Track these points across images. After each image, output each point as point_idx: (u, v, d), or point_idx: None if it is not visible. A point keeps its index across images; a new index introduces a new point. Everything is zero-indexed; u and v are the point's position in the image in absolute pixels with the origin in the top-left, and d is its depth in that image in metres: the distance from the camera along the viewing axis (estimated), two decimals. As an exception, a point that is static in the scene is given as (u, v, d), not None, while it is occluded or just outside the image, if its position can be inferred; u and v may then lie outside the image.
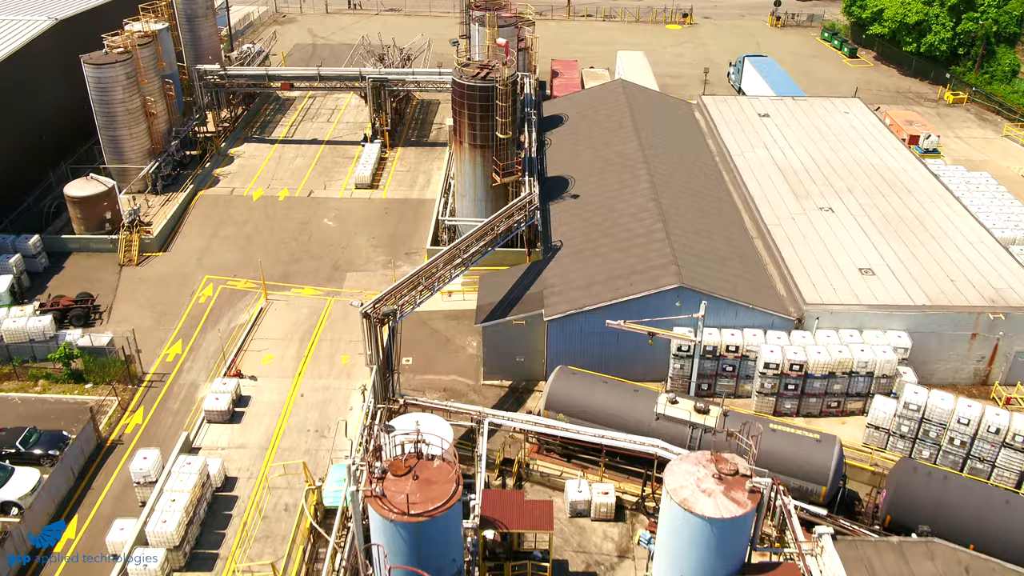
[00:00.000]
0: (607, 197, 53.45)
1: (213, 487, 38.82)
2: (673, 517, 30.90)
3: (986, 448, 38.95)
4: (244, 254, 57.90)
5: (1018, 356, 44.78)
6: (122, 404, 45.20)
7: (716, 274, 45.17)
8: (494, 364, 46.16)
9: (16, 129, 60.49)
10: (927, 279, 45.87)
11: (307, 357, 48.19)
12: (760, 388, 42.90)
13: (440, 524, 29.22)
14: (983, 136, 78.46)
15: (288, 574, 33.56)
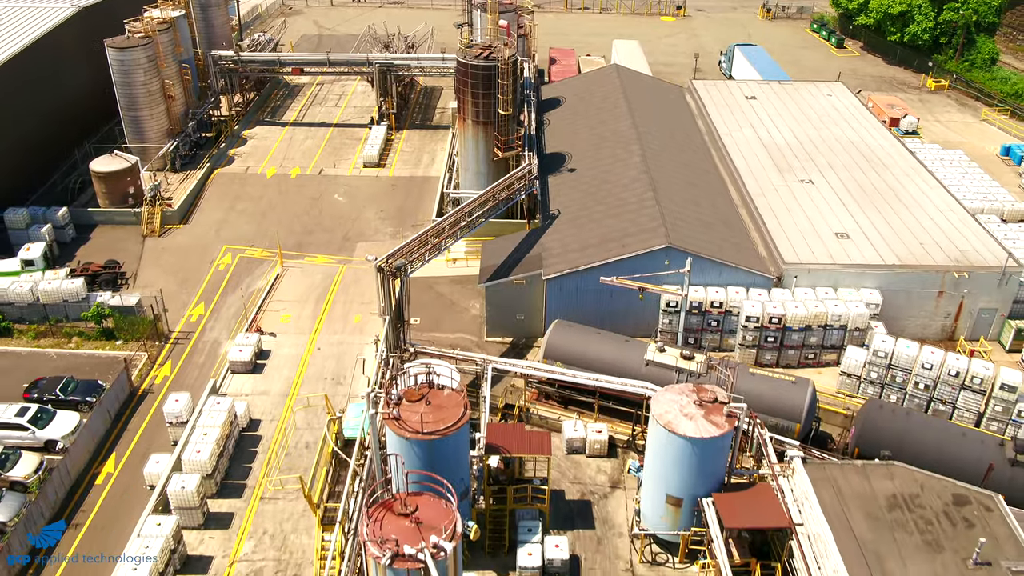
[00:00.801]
0: (602, 170, 56.99)
1: (240, 427, 42.35)
2: (658, 439, 34.56)
3: (947, 391, 42.54)
4: (260, 226, 61.41)
5: (981, 313, 48.37)
6: (151, 358, 48.73)
7: (702, 237, 48.73)
8: (496, 322, 49.66)
9: (43, 110, 63.90)
10: (898, 242, 49.47)
11: (322, 316, 51.73)
12: (742, 341, 46.50)
13: (450, 442, 32.80)
14: (962, 120, 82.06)
15: (314, 488, 37.01)
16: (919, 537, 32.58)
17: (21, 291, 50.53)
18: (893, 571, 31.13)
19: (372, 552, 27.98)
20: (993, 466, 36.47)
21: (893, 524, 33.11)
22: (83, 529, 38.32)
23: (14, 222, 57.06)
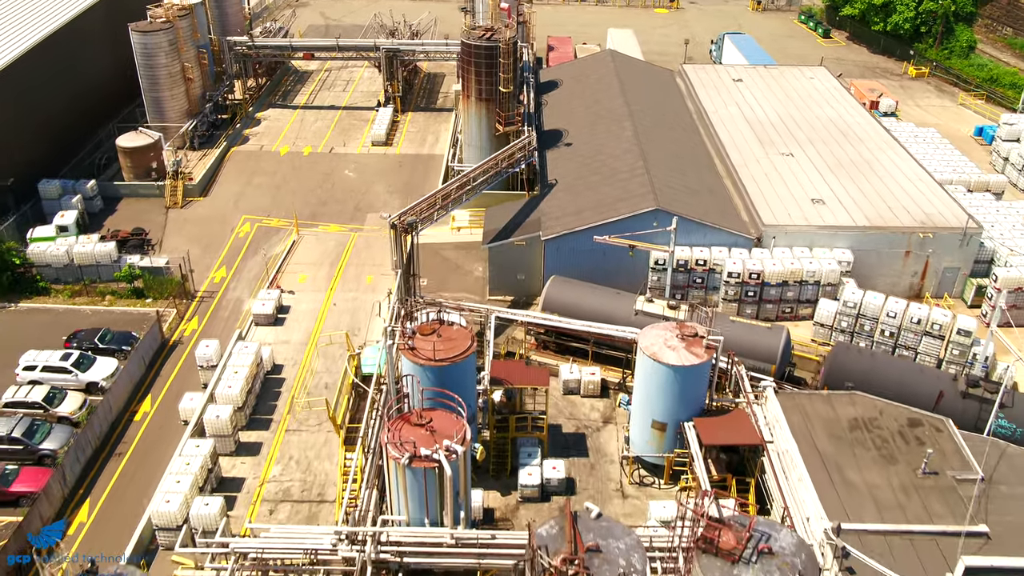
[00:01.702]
0: (596, 145, 61.04)
1: (265, 370, 46.38)
2: (645, 368, 38.65)
3: (910, 337, 46.64)
4: (275, 199, 65.43)
5: (946, 271, 52.46)
6: (179, 314, 52.74)
7: (688, 201, 52.79)
8: (498, 281, 53.67)
9: (70, 91, 67.79)
10: (869, 206, 53.56)
11: (336, 277, 55.78)
12: (724, 295, 50.57)
13: (458, 368, 36.89)
14: (940, 105, 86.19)
15: (338, 411, 41.06)
16: (876, 452, 36.67)
17: (57, 253, 54.52)
18: (852, 479, 35.21)
19: (393, 454, 32.07)
20: (943, 393, 40.60)
21: (853, 442, 37.19)
22: (125, 458, 42.39)
23: (47, 192, 61.04)
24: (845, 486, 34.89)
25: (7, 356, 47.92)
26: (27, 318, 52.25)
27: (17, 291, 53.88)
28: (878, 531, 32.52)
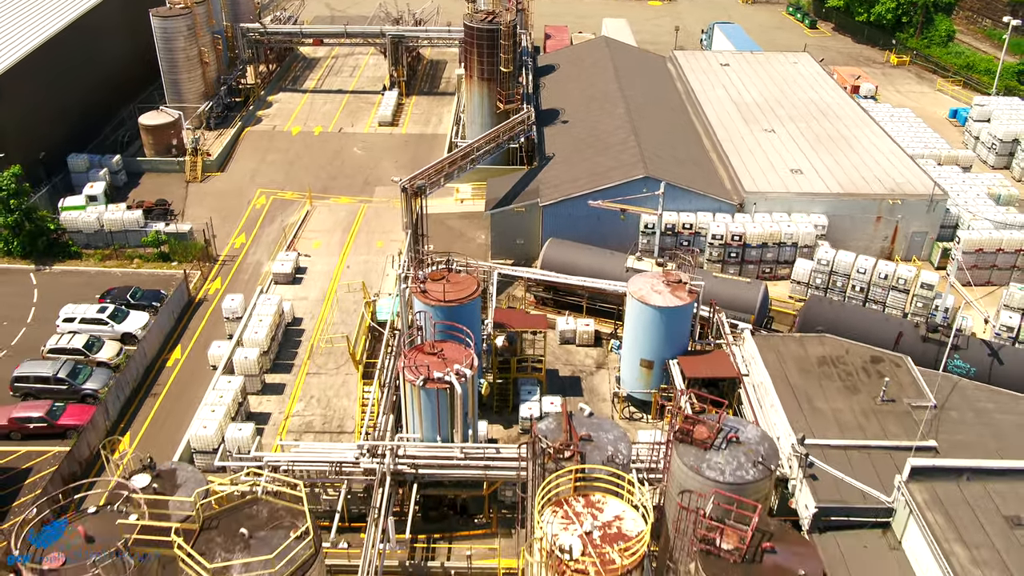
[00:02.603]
0: (591, 122, 65.12)
1: (286, 321, 50.40)
2: (634, 310, 42.74)
3: (879, 292, 50.79)
4: (289, 174, 69.43)
5: (914, 236, 56.58)
6: (203, 275, 56.74)
7: (676, 170, 56.88)
8: (499, 246, 57.68)
9: (95, 74, 71.78)
10: (843, 176, 57.70)
11: (349, 242, 59.82)
12: (709, 256, 54.65)
13: (465, 308, 40.97)
14: (920, 91, 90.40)
15: (356, 349, 45.10)
16: (840, 384, 40.79)
17: (88, 220, 58.50)
18: (818, 406, 39.31)
19: (409, 378, 36.16)
20: (902, 334, 44.76)
21: (821, 376, 41.32)
22: (160, 397, 46.42)
23: (76, 166, 65.00)
24: (812, 411, 39.01)
25: (46, 312, 52.02)
26: (61, 279, 56.18)
27: (51, 255, 57.83)
28: (839, 446, 36.63)
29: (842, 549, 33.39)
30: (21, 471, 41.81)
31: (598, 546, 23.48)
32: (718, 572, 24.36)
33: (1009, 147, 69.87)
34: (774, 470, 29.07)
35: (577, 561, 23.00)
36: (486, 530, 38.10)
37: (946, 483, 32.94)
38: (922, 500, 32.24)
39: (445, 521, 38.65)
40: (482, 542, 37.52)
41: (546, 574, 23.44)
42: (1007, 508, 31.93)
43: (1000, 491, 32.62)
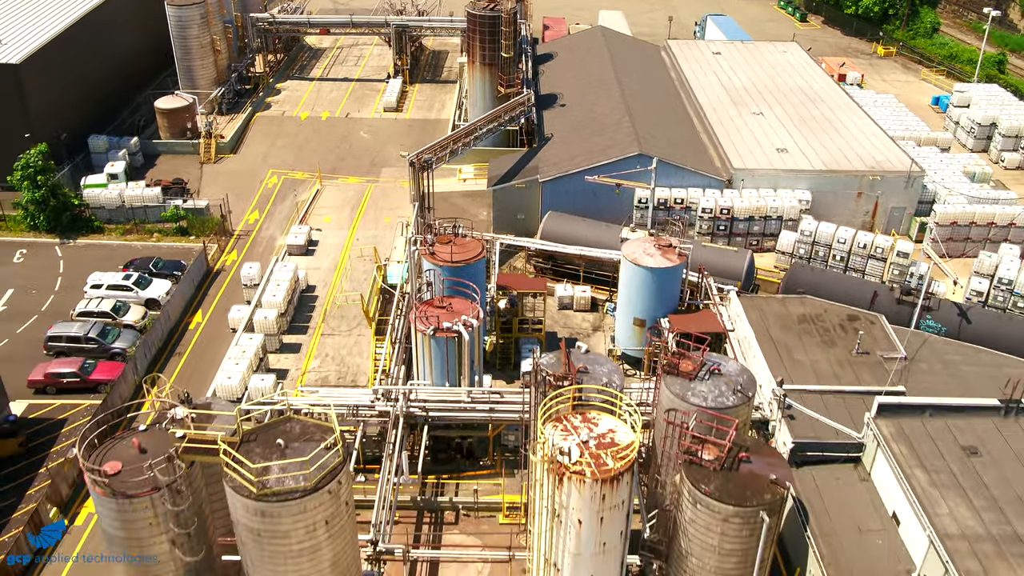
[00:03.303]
0: (587, 105, 68.30)
1: (301, 287, 53.51)
2: (627, 272, 45.92)
3: (858, 260, 54.03)
4: (298, 156, 72.52)
5: (893, 211, 59.81)
6: (220, 248, 59.81)
7: (668, 149, 60.08)
8: (501, 221, 60.80)
9: (112, 61, 74.80)
10: (827, 154, 60.94)
11: (358, 218, 62.95)
12: (699, 229, 57.83)
13: (471, 268, 44.07)
14: (905, 80, 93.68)
15: (370, 307, 48.22)
16: (819, 338, 44.06)
17: (110, 197, 61.56)
18: (798, 357, 42.57)
19: (420, 328, 39.33)
20: (877, 293, 48.01)
21: (800, 332, 44.58)
22: (184, 357, 49.51)
23: (96, 146, 68.07)
24: (791, 362, 42.25)
25: (71, 281, 55.12)
26: (85, 252, 59.21)
27: (74, 229, 60.85)
28: (815, 391, 39.91)
29: (817, 482, 36.65)
30: (57, 421, 44.89)
31: (593, 452, 26.62)
32: (700, 478, 27.51)
33: (987, 131, 73.17)
34: (751, 397, 32.29)
35: (575, 463, 26.13)
36: (491, 471, 41.23)
37: (910, 419, 36.18)
38: (888, 433, 35.47)
39: (453, 463, 41.78)
40: (487, 481, 40.64)
41: (548, 476, 26.57)
42: (964, 439, 35.18)
43: (959, 425, 35.86)
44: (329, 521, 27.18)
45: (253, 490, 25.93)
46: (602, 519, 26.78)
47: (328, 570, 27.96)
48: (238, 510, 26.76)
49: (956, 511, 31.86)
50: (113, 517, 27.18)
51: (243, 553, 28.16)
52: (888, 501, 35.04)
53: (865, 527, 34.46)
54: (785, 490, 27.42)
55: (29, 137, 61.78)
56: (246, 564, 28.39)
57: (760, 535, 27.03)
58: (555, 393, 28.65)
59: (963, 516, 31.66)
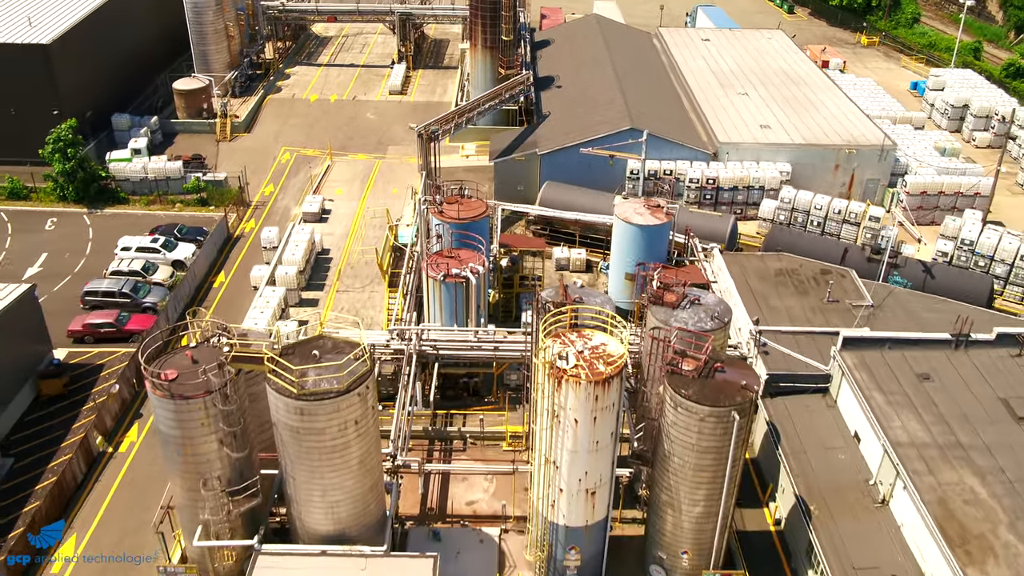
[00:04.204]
0: (582, 85, 72.50)
1: (316, 250, 57.58)
2: (619, 230, 50.05)
3: (833, 225, 58.28)
4: (309, 135, 76.60)
5: (868, 182, 64.07)
6: (239, 216, 63.84)
7: (658, 124, 64.22)
8: (502, 192, 64.83)
9: (132, 44, 78.78)
10: (806, 130, 65.21)
11: (367, 190, 67.07)
12: (687, 199, 62.03)
13: (476, 225, 48.13)
14: (887, 67, 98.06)
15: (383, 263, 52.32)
16: (793, 289, 48.27)
17: (135, 170, 65.56)
18: (774, 304, 46.77)
19: (431, 274, 43.45)
20: (847, 250, 52.28)
21: (777, 283, 48.79)
22: (210, 310, 53.53)
23: (119, 124, 72.10)
24: (768, 308, 46.46)
25: (101, 246, 59.13)
26: (112, 220, 63.21)
27: (101, 200, 64.84)
28: (788, 331, 44.08)
29: (788, 409, 40.89)
30: (95, 366, 48.89)
31: (588, 360, 30.72)
32: (680, 385, 31.64)
33: (960, 112, 77.54)
34: (727, 323, 36.47)
35: (573, 368, 30.22)
36: (495, 407, 45.33)
37: (871, 351, 40.40)
38: (851, 363, 39.68)
39: (460, 400, 45.87)
40: (492, 415, 44.75)
41: (548, 381, 30.65)
42: (918, 367, 39.41)
43: (914, 356, 40.08)
44: (358, 421, 31.29)
45: (294, 391, 30.02)
46: (595, 419, 30.89)
47: (356, 467, 32.07)
48: (280, 411, 30.85)
49: (907, 424, 36.07)
50: (170, 418, 31.25)
51: (282, 452, 32.24)
52: (851, 423, 39.26)
53: (829, 445, 38.68)
54: (754, 393, 31.54)
55: (57, 114, 65.71)
56: (285, 463, 32.48)
57: (732, 433, 31.15)
58: (555, 311, 32.79)
59: (913, 429, 35.87)
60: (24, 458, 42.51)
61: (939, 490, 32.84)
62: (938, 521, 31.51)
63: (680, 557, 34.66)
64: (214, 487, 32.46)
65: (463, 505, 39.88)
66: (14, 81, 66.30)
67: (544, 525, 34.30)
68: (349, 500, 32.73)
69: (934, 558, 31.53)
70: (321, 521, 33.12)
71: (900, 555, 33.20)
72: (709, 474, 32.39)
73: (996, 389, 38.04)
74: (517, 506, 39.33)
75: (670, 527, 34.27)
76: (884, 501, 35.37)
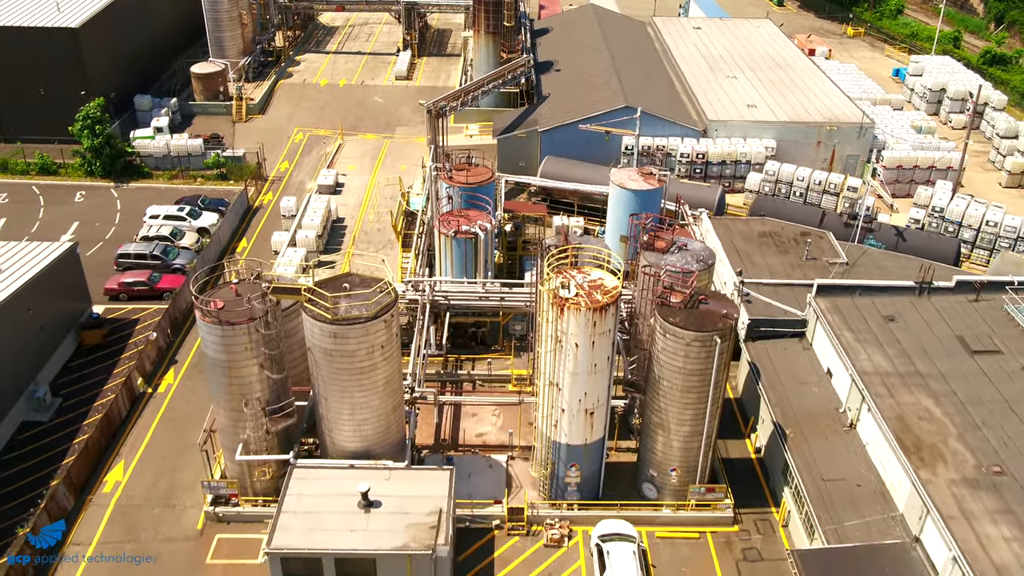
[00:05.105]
0: (579, 68, 76.65)
1: (332, 218, 61.64)
2: (615, 195, 54.10)
3: (814, 196, 62.48)
4: (320, 116, 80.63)
5: (848, 158, 68.26)
6: (257, 190, 67.87)
7: (651, 103, 68.39)
8: (504, 168, 68.81)
9: (153, 30, 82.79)
10: (790, 109, 69.44)
11: (377, 165, 71.15)
12: (678, 173, 66.19)
13: (483, 189, 52.20)
14: (871, 56, 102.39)
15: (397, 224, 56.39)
16: (775, 249, 52.44)
17: (158, 146, 69.54)
18: (756, 261, 50.92)
19: (442, 231, 47.52)
20: (825, 213, 56.51)
21: (760, 243, 52.96)
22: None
23: (141, 104, 76.10)
24: (751, 264, 50.60)
25: (129, 216, 63.12)
26: (137, 193, 67.18)
27: (126, 175, 68.82)
28: (769, 283, 48.25)
29: (768, 352, 45.04)
30: (131, 321, 52.88)
31: (587, 290, 34.82)
32: (668, 314, 35.75)
33: (938, 95, 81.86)
34: (711, 265, 40.63)
35: (574, 297, 34.31)
36: (501, 353, 49.40)
37: (843, 297, 44.58)
38: (824, 307, 43.85)
39: (469, 349, 49.93)
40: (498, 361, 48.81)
41: (552, 309, 34.72)
42: (885, 311, 43.59)
43: (882, 301, 44.25)
44: (384, 346, 35.38)
45: (328, 316, 34.10)
46: (594, 343, 34.99)
47: (382, 387, 36.15)
48: (315, 335, 34.91)
49: (873, 357, 40.23)
50: (218, 343, 35.29)
51: (316, 375, 36.28)
52: (824, 361, 43.41)
53: (804, 380, 42.83)
54: (733, 321, 35.66)
55: (84, 95, 69.66)
56: (318, 386, 36.52)
57: (715, 356, 35.26)
58: (558, 250, 36.90)
59: (878, 360, 40.03)
60: (70, 399, 46.55)
61: (898, 409, 36.98)
62: (896, 434, 35.65)
63: (669, 475, 38.78)
64: (254, 407, 36.53)
65: (473, 437, 43.94)
66: (43, 63, 70.21)
67: (547, 445, 38.42)
68: (375, 419, 36.82)
69: (893, 467, 35.67)
70: (349, 438, 37.19)
71: (864, 468, 37.34)
72: (695, 395, 36.51)
73: (953, 328, 42.25)
74: (523, 438, 43.36)
75: (660, 447, 38.39)
76: (852, 425, 39.51)
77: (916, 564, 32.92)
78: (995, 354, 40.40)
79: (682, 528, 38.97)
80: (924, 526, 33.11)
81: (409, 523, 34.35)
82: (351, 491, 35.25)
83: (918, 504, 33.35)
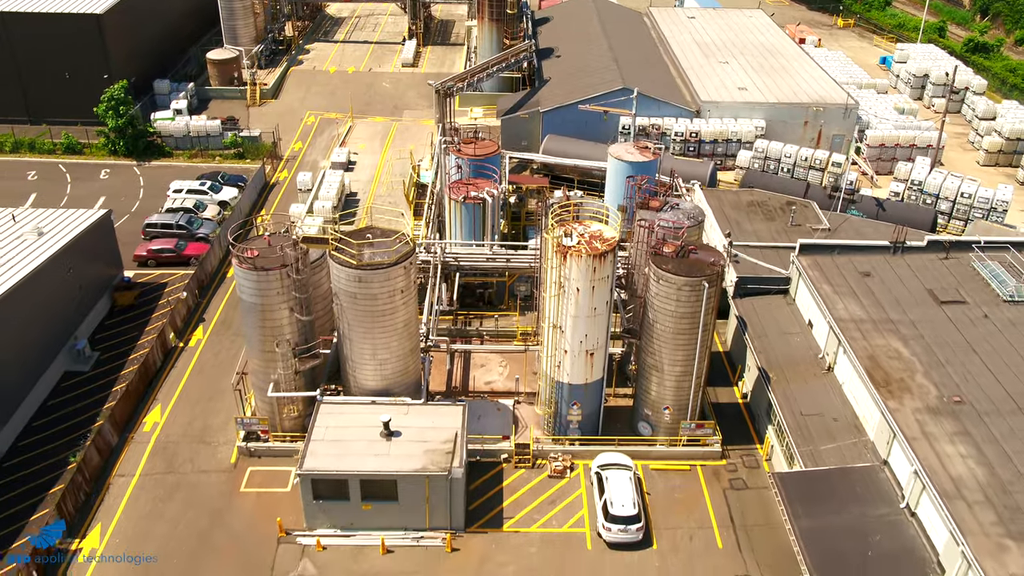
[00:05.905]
0: (578, 54, 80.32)
1: (346, 192, 65.25)
2: (613, 167, 57.72)
3: (801, 171, 66.17)
4: (331, 101, 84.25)
5: (834, 138, 71.98)
6: (273, 168, 71.46)
7: (647, 85, 72.06)
8: (507, 147, 72.36)
9: (171, 17, 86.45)
10: (779, 91, 73.13)
11: (387, 145, 74.75)
12: (673, 151, 69.86)
13: (490, 160, 55.78)
14: (860, 46, 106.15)
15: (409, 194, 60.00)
16: (762, 216, 56.13)
17: (178, 127, 73.13)
18: (745, 228, 54.59)
19: (453, 197, 51.16)
20: (809, 184, 60.22)
21: (748, 212, 56.65)
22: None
23: (160, 88, 79.70)
24: (740, 231, 54.27)
25: (152, 191, 66.70)
26: (159, 171, 70.75)
27: (148, 154, 72.38)
28: (756, 246, 51.93)
29: (755, 307, 48.70)
30: (159, 284, 56.46)
31: (587, 240, 38.47)
32: (661, 263, 39.40)
33: (921, 81, 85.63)
34: (701, 222, 44.27)
35: (575, 245, 37.96)
36: (507, 312, 53.02)
37: (823, 256, 48.25)
38: (806, 265, 47.52)
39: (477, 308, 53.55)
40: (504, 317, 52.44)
41: (555, 257, 38.36)
42: (861, 268, 47.26)
43: (859, 259, 47.93)
44: (403, 291, 39.02)
45: (353, 262, 37.73)
46: (593, 288, 38.64)
47: (401, 329, 39.79)
48: (341, 280, 38.53)
49: (849, 307, 43.91)
50: (253, 288, 38.89)
51: (341, 318, 39.90)
52: (805, 314, 47.09)
53: (787, 331, 46.51)
54: (721, 268, 39.32)
55: (107, 78, 73.22)
56: (342, 328, 40.14)
57: (703, 300, 38.90)
58: (560, 205, 40.55)
59: (853, 309, 43.71)
60: (107, 352, 50.14)
61: (870, 350, 40.65)
62: (868, 371, 39.32)
63: (663, 413, 42.42)
64: (285, 348, 40.15)
65: (482, 384, 47.57)
66: (68, 48, 73.78)
67: (551, 385, 42.07)
68: (394, 359, 40.46)
69: (865, 401, 39.35)
70: (371, 377, 40.83)
71: (840, 404, 41.02)
72: (686, 337, 40.16)
73: (924, 282, 45.94)
74: (528, 385, 46.97)
75: (655, 387, 42.04)
76: (829, 368, 43.18)
77: (884, 484, 36.60)
78: (961, 304, 44.10)
79: (674, 461, 42.64)
80: (891, 449, 36.79)
81: (427, 449, 38.00)
82: (374, 423, 38.90)
83: (886, 430, 37.03)
